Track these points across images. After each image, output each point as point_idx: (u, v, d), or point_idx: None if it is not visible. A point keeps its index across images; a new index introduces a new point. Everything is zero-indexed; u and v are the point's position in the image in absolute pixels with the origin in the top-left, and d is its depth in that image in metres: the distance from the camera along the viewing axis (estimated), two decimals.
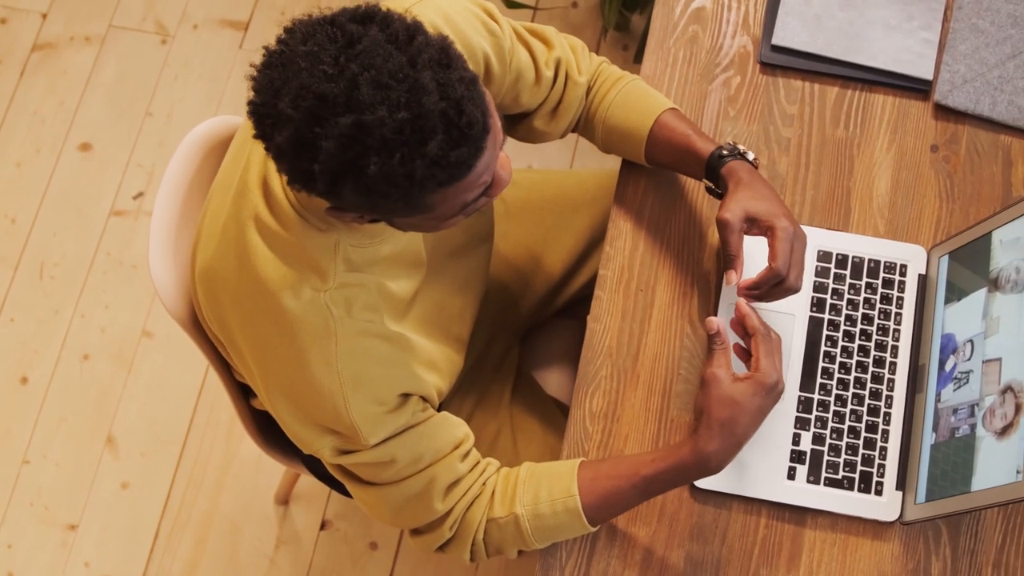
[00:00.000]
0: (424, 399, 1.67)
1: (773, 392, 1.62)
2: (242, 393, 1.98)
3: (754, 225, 1.71)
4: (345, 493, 2.14)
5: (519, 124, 1.86)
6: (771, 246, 1.69)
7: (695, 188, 1.95)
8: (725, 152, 1.76)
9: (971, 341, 1.75)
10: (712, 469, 1.63)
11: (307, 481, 2.76)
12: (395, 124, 1.31)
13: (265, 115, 1.35)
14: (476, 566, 2.69)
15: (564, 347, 2.22)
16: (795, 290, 1.70)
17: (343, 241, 1.54)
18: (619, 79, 1.88)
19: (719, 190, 1.77)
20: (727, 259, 1.71)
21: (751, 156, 1.77)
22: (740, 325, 1.69)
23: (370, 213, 1.42)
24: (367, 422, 1.58)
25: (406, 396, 1.63)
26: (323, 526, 2.73)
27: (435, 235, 1.74)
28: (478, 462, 1.72)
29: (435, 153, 1.34)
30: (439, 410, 2.02)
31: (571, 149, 3.03)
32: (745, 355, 1.68)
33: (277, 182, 1.54)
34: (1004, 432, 1.63)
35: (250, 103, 1.36)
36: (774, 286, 1.71)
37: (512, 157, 3.02)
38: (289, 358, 1.56)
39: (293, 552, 2.71)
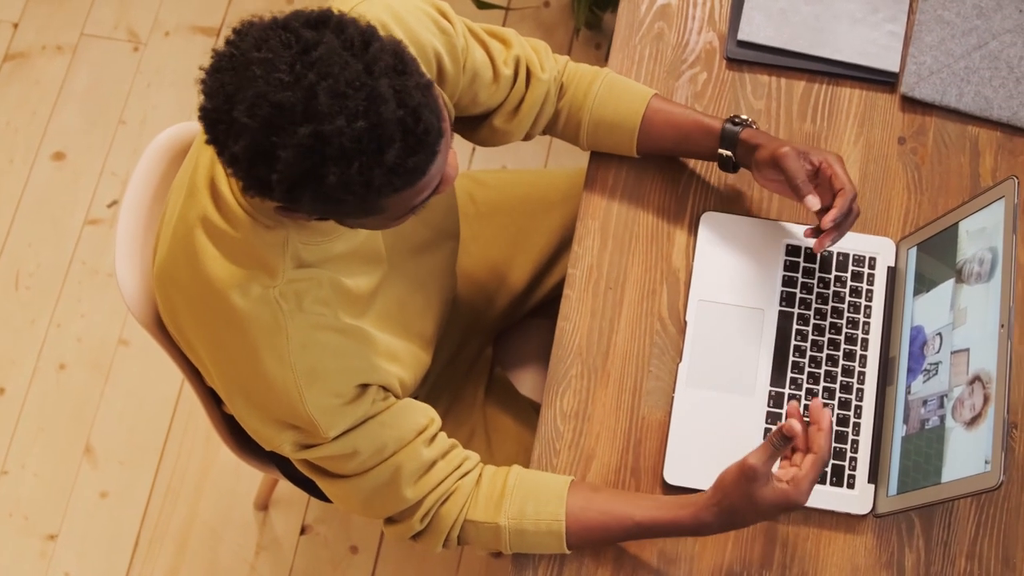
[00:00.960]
0: (385, 388, 1.66)
1: (789, 507, 1.62)
2: (214, 399, 1.98)
3: (806, 160, 1.77)
4: (319, 496, 2.13)
5: (481, 125, 1.86)
6: (831, 176, 1.75)
7: (662, 185, 1.94)
8: (738, 121, 1.83)
9: (940, 333, 1.75)
10: (701, 535, 1.66)
11: (286, 486, 2.75)
12: (354, 134, 1.31)
13: (218, 121, 1.34)
14: (457, 567, 2.68)
15: (538, 347, 2.22)
16: (858, 213, 1.77)
17: (292, 238, 1.54)
18: (596, 73, 1.89)
19: (735, 159, 1.84)
20: (801, 187, 1.74)
21: (755, 124, 1.86)
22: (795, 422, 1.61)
23: (323, 216, 1.42)
24: (325, 415, 1.58)
25: (364, 387, 1.62)
26: (303, 531, 2.72)
27: (398, 232, 1.74)
28: (451, 449, 1.71)
29: (393, 161, 1.34)
30: None
31: (545, 149, 3.03)
32: (785, 442, 1.61)
33: (225, 182, 1.54)
34: (973, 423, 1.63)
35: (201, 108, 1.36)
36: (847, 216, 1.76)
37: (485, 158, 3.02)
38: (242, 356, 1.56)
39: (274, 557, 2.70)
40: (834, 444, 1.80)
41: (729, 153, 1.85)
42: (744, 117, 1.85)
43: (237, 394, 1.61)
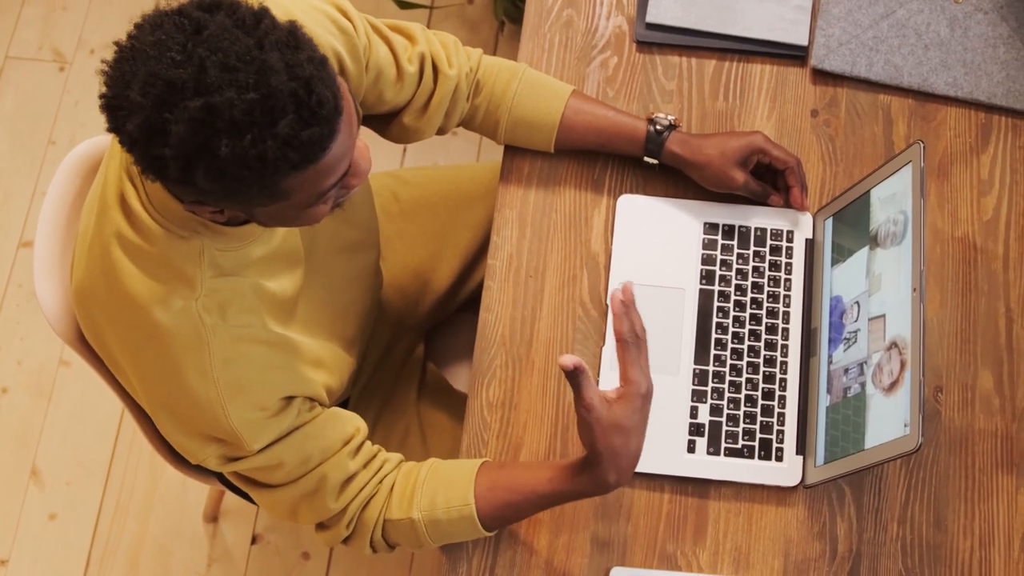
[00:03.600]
0: (311, 399, 1.66)
1: (647, 399, 1.57)
2: (145, 413, 1.97)
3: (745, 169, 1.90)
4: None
5: (392, 123, 1.86)
6: (771, 157, 1.88)
7: (578, 171, 1.95)
8: (660, 127, 1.88)
9: (857, 301, 1.75)
10: (612, 489, 1.62)
11: (234, 497, 2.75)
12: (244, 105, 1.31)
13: (117, 107, 1.35)
14: (410, 568, 2.68)
15: (469, 341, 2.22)
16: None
17: (208, 247, 1.54)
18: (514, 70, 1.89)
19: (662, 161, 1.91)
20: (762, 195, 1.90)
21: (677, 123, 1.91)
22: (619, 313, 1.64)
23: (228, 203, 1.40)
24: (248, 428, 1.58)
25: (289, 399, 1.62)
26: (254, 540, 2.72)
27: (323, 231, 1.73)
28: (373, 457, 1.71)
29: (286, 133, 1.33)
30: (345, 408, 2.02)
31: (476, 145, 3.03)
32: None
33: (135, 197, 1.53)
34: (891, 388, 1.64)
35: (102, 97, 1.36)
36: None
37: (417, 156, 3.01)
38: (165, 370, 1.55)
39: (226, 569, 2.70)
40: (761, 418, 1.81)
41: (655, 161, 1.90)
42: (665, 118, 1.88)
43: (161, 408, 1.60)
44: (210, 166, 1.33)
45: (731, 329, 1.86)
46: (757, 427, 1.81)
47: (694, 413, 1.82)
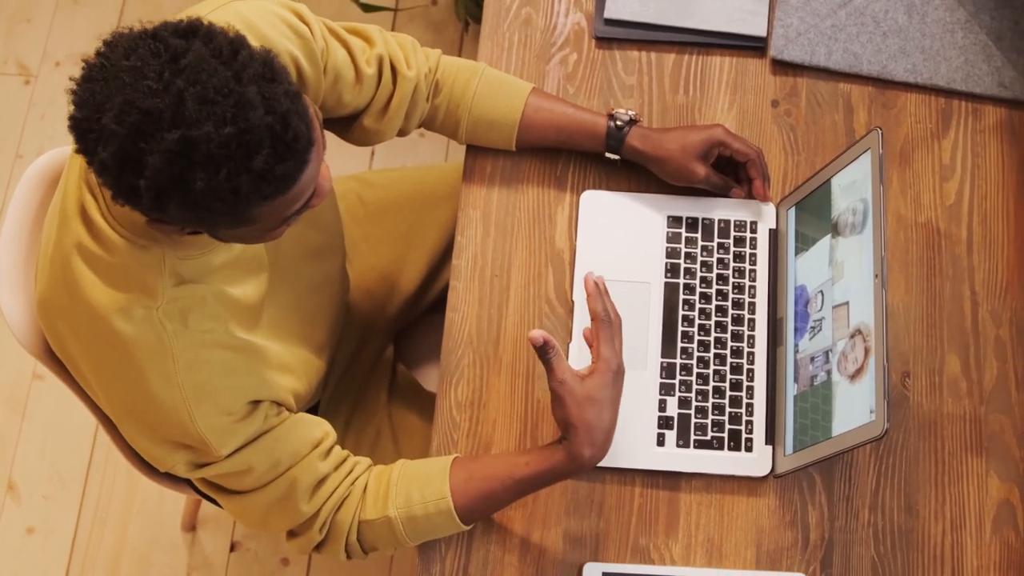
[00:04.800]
0: (278, 404, 1.66)
1: (619, 375, 1.63)
2: (113, 424, 1.97)
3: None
4: None
5: (351, 126, 1.86)
6: (732, 150, 1.88)
7: (540, 168, 1.95)
8: (620, 123, 1.88)
9: (821, 290, 1.76)
10: (589, 468, 1.64)
11: (212, 505, 2.74)
12: (221, 139, 1.31)
13: (88, 130, 1.34)
14: (390, 568, 2.68)
15: (439, 342, 2.22)
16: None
17: (169, 255, 1.53)
18: (473, 70, 1.89)
19: (623, 157, 1.91)
20: (724, 188, 1.90)
21: (638, 118, 1.90)
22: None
23: (194, 226, 1.42)
24: (216, 434, 1.58)
25: (256, 403, 1.62)
26: (232, 548, 2.71)
27: (287, 237, 1.73)
28: (344, 460, 1.71)
29: (261, 167, 1.34)
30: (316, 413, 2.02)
31: (444, 146, 3.03)
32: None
33: (95, 207, 1.53)
34: (856, 375, 1.64)
35: (71, 118, 1.36)
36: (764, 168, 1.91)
37: (386, 158, 3.01)
38: (130, 379, 1.55)
39: None
40: (729, 409, 1.81)
41: (616, 157, 1.91)
42: (625, 113, 1.88)
43: (127, 417, 1.60)
44: (184, 198, 1.34)
45: (697, 321, 1.86)
46: (726, 418, 1.82)
47: (663, 406, 1.82)
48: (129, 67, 1.32)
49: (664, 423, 1.81)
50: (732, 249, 1.89)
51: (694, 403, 1.82)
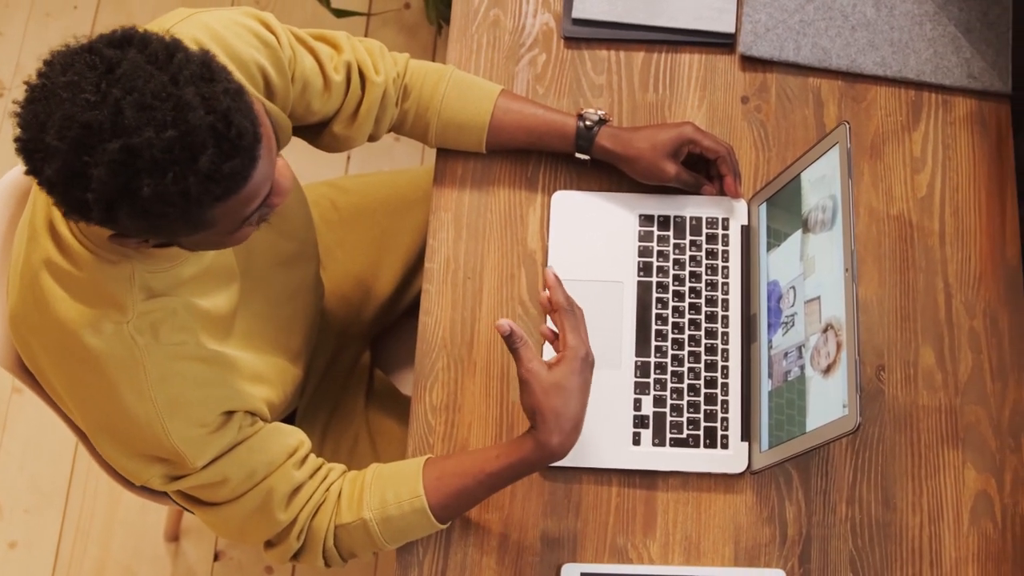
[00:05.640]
0: (252, 413, 1.66)
1: (587, 363, 1.63)
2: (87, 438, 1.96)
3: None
4: None
5: (321, 133, 1.85)
6: (702, 147, 1.87)
7: (511, 169, 1.95)
8: (590, 122, 1.88)
9: (793, 285, 1.76)
10: (559, 457, 1.64)
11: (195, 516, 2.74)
12: (163, 143, 1.31)
13: (33, 150, 1.34)
14: (375, 572, 2.68)
15: (415, 346, 2.22)
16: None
17: (138, 269, 1.53)
18: (442, 73, 1.89)
19: (594, 156, 1.91)
20: (695, 185, 1.91)
21: (607, 117, 1.90)
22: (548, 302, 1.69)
23: (152, 236, 1.41)
24: (190, 445, 1.57)
25: (229, 414, 1.61)
26: (216, 557, 2.71)
27: (259, 245, 1.73)
28: (319, 468, 1.71)
29: (207, 168, 1.33)
30: (293, 423, 2.02)
31: (420, 150, 3.02)
32: (554, 336, 1.68)
33: (63, 223, 1.52)
34: (829, 370, 1.64)
35: (16, 139, 1.35)
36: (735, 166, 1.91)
37: (362, 163, 3.01)
38: (102, 394, 1.54)
39: None
40: (704, 407, 1.81)
41: (587, 157, 1.91)
42: (595, 113, 1.88)
43: (100, 432, 1.60)
44: (133, 206, 1.33)
45: (671, 320, 1.86)
46: (701, 416, 1.81)
47: (638, 405, 1.82)
48: (66, 83, 1.32)
49: (640, 422, 1.81)
50: (704, 246, 1.89)
51: (669, 401, 1.82)
